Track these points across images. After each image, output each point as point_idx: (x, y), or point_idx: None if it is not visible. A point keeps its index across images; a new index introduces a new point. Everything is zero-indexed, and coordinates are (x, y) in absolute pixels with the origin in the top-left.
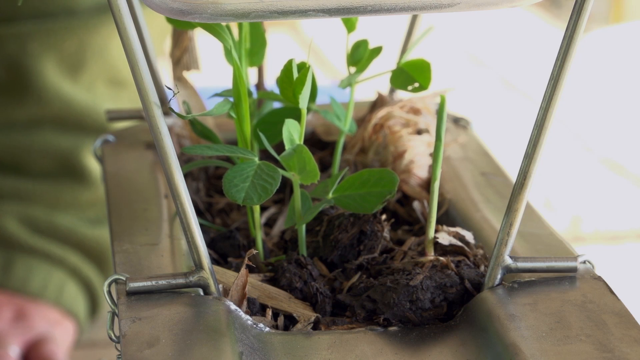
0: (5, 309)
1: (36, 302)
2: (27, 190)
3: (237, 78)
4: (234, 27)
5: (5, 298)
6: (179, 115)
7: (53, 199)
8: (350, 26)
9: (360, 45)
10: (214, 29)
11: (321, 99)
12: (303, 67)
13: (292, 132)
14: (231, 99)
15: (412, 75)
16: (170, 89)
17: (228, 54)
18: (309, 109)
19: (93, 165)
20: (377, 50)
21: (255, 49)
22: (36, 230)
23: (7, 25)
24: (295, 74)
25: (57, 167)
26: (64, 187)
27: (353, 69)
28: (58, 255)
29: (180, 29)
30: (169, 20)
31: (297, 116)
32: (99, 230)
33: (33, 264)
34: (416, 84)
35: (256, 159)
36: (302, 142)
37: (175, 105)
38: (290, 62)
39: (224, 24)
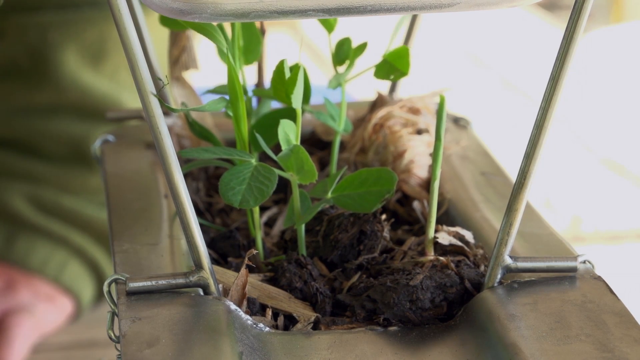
0: None
1: (33, 277)
2: (37, 172)
3: (232, 77)
4: (226, 25)
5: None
6: (170, 109)
7: (62, 181)
8: (329, 26)
9: (344, 44)
10: (205, 30)
11: (320, 99)
12: (295, 68)
13: (288, 133)
14: (226, 97)
15: (393, 64)
16: (160, 79)
17: (221, 53)
18: (303, 111)
19: None
20: (362, 47)
21: (250, 47)
22: (42, 209)
23: (29, 15)
24: (288, 74)
25: (69, 152)
26: (74, 172)
27: (341, 69)
28: (61, 233)
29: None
30: (163, 22)
31: (293, 117)
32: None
33: (36, 241)
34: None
35: (253, 161)
36: (298, 142)
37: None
38: (282, 63)
39: (216, 23)
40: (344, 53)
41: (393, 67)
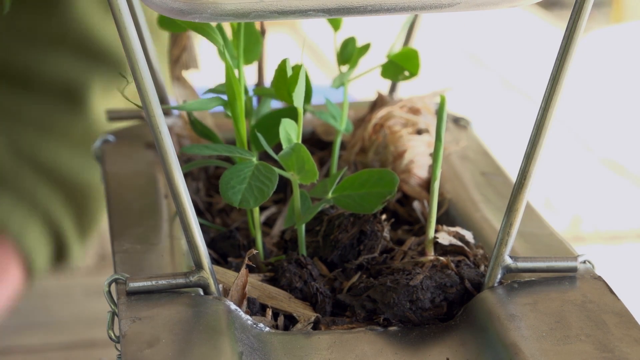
0: None
1: None
2: (23, 107)
3: (230, 77)
4: (226, 25)
5: None
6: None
7: (46, 122)
8: (335, 25)
9: (349, 43)
10: (203, 30)
11: (320, 99)
12: (297, 67)
13: (289, 132)
14: (223, 96)
15: (401, 65)
16: (124, 76)
17: (221, 52)
18: (304, 110)
19: (95, 102)
20: (366, 48)
21: (250, 47)
22: (18, 151)
23: None
24: (290, 73)
25: (60, 92)
26: (60, 113)
27: (344, 68)
28: (30, 183)
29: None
30: (161, 24)
31: (294, 117)
32: (85, 175)
33: (3, 191)
34: (406, 73)
35: (254, 159)
36: (299, 141)
37: (174, 103)
38: (284, 62)
39: (214, 24)
40: (348, 52)
41: (400, 67)
